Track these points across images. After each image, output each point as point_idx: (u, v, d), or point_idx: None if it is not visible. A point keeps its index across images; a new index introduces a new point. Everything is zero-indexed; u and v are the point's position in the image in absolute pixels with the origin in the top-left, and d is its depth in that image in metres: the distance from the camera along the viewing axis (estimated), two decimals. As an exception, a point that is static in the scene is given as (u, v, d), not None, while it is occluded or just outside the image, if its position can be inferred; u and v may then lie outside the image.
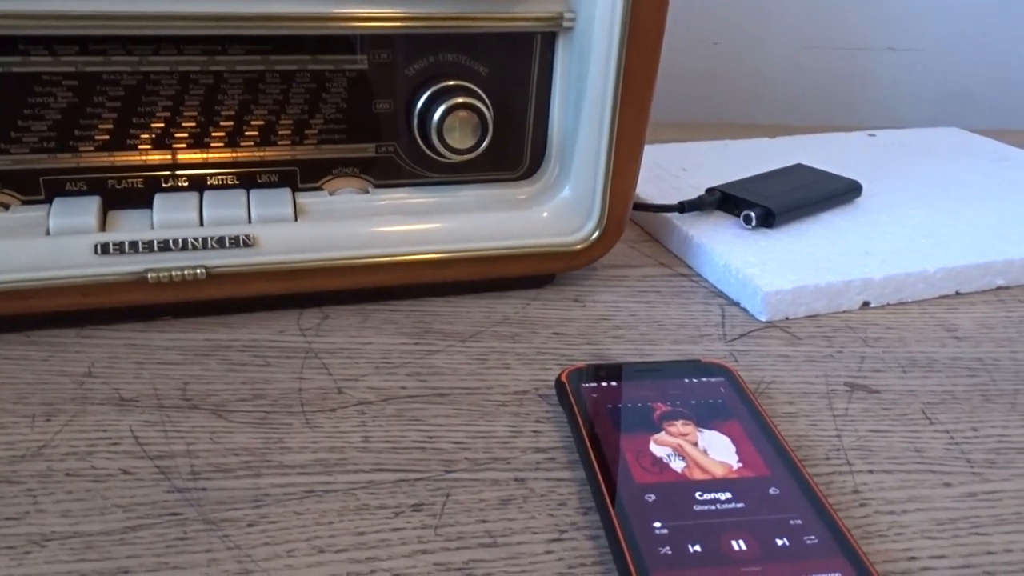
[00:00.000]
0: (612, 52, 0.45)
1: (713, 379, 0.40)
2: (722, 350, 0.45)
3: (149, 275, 0.43)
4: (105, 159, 0.44)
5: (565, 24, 0.46)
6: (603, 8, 0.45)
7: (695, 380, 0.40)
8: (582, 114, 0.47)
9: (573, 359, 0.44)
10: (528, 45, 0.48)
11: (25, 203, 0.44)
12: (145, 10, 0.40)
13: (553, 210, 0.49)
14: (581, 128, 0.48)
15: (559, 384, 0.39)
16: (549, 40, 0.48)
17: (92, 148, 0.44)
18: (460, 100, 0.45)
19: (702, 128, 0.84)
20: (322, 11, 0.43)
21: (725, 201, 0.58)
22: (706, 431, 0.36)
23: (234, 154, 0.46)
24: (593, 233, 0.49)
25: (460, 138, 0.45)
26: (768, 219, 0.56)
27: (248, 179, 0.47)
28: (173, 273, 0.43)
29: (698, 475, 0.33)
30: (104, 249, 0.42)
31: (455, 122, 0.45)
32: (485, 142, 0.46)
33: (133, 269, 0.43)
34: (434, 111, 0.45)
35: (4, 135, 0.42)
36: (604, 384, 0.39)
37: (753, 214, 0.55)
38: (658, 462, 0.34)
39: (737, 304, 0.50)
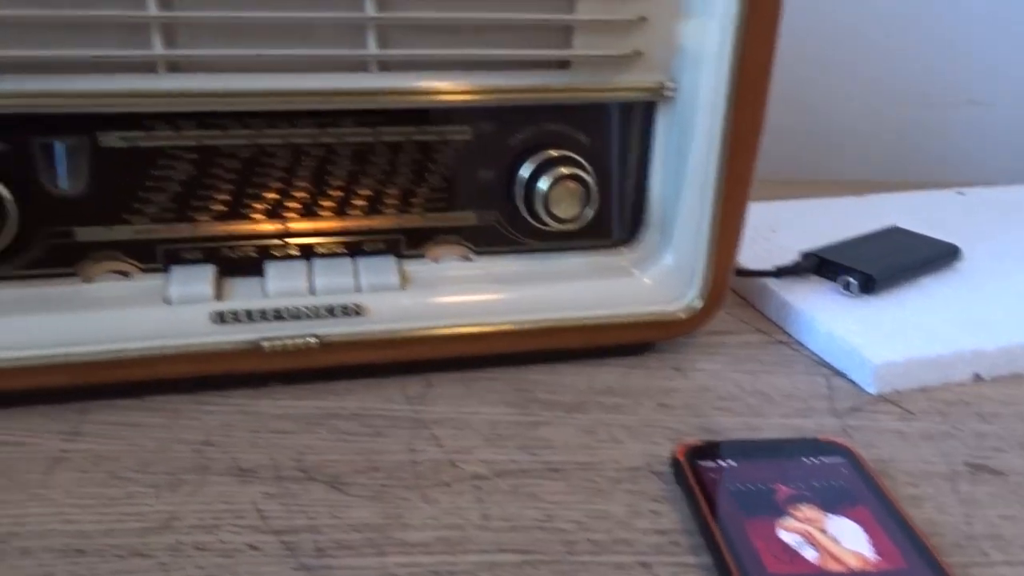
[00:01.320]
0: (716, 121, 0.45)
1: (833, 459, 0.39)
2: (834, 425, 0.44)
3: (264, 343, 0.43)
4: (220, 228, 0.45)
5: (666, 94, 0.47)
6: (707, 78, 0.45)
7: (815, 460, 0.39)
8: (684, 181, 0.47)
9: (682, 433, 0.43)
10: (628, 114, 0.48)
11: (144, 271, 0.45)
12: (262, 87, 0.42)
13: (655, 277, 0.49)
14: (683, 195, 0.48)
15: (675, 462, 0.39)
16: (649, 109, 0.48)
17: (208, 218, 0.45)
18: (566, 171, 0.45)
19: (787, 185, 0.83)
20: (431, 86, 0.43)
21: (822, 265, 0.57)
22: (834, 517, 0.35)
23: (342, 223, 0.47)
24: (696, 301, 0.48)
25: (566, 208, 0.46)
26: (868, 285, 0.55)
27: (355, 247, 0.47)
28: (287, 342, 0.44)
29: (833, 566, 0.32)
30: (221, 318, 0.43)
31: (562, 193, 0.45)
32: (590, 212, 0.46)
33: (248, 337, 0.44)
34: (540, 182, 0.45)
35: (127, 206, 0.44)
36: (721, 463, 0.38)
37: (853, 280, 0.54)
38: (788, 550, 0.33)
39: (843, 375, 0.49)
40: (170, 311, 0.43)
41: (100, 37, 0.40)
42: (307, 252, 0.47)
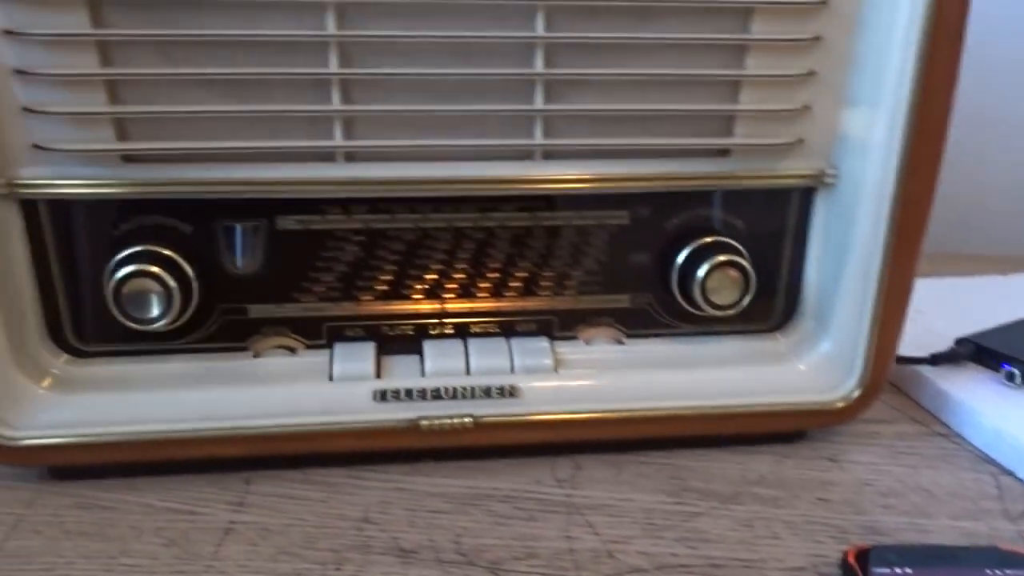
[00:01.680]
0: (882, 209, 0.44)
1: (1018, 572, 0.37)
2: (1008, 531, 0.42)
3: (422, 422, 0.44)
4: (381, 307, 0.47)
5: (827, 180, 0.46)
6: (873, 167, 0.44)
7: (999, 572, 0.37)
8: (845, 268, 0.46)
9: (845, 531, 0.42)
10: (786, 200, 0.47)
11: (309, 347, 0.47)
12: (431, 175, 0.43)
13: (811, 364, 0.48)
14: (843, 282, 0.47)
15: (845, 566, 0.37)
16: (807, 195, 0.47)
17: (371, 297, 0.47)
18: (724, 258, 0.45)
19: (929, 260, 0.80)
20: (593, 173, 0.44)
21: (980, 353, 0.55)
22: (1030, 639, 0.33)
23: (497, 303, 0.48)
24: (854, 391, 0.47)
25: (724, 296, 0.45)
26: (1033, 376, 0.52)
27: (508, 327, 0.48)
28: (444, 421, 0.44)
29: None
30: (382, 396, 0.45)
31: (721, 280, 0.45)
32: (747, 299, 0.46)
33: (407, 416, 0.44)
34: (697, 268, 0.45)
35: (297, 285, 0.46)
36: (897, 570, 0.37)
37: (1018, 372, 0.52)
38: (985, 675, 0.31)
39: (1012, 474, 0.47)
40: (334, 388, 0.45)
41: (285, 129, 0.42)
42: (462, 331, 0.48)
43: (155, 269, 0.41)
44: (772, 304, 0.49)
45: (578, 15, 0.41)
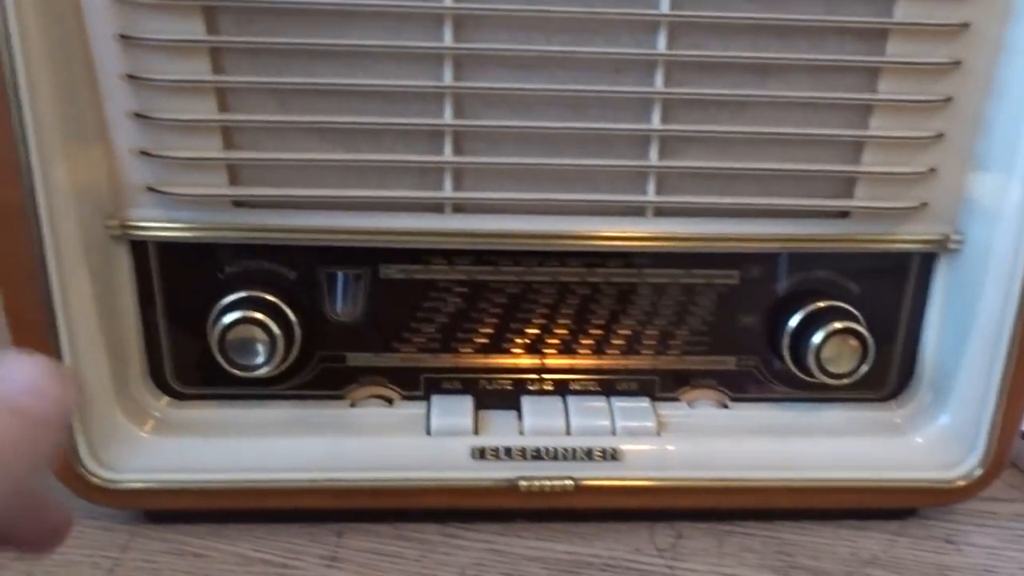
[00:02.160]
0: (1015, 278, 0.41)
1: None
2: None
3: (521, 483, 0.43)
4: (480, 360, 0.46)
5: (951, 247, 0.44)
6: (1004, 235, 0.41)
7: None
8: (968, 339, 0.44)
9: (972, 623, 0.39)
10: (906, 265, 0.45)
11: (405, 398, 0.46)
12: (539, 229, 0.42)
13: (928, 438, 0.46)
14: (966, 353, 0.44)
15: (981, 665, 0.35)
16: (928, 260, 0.45)
17: (471, 350, 0.46)
18: (841, 325, 0.43)
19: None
20: (705, 232, 0.43)
21: (1105, 431, 0.51)
22: None
23: (598, 361, 0.46)
24: (976, 469, 0.44)
25: (840, 364, 0.43)
26: None
27: (608, 385, 0.47)
28: (544, 483, 0.43)
29: None
30: (481, 454, 0.43)
31: (839, 349, 0.43)
32: (864, 368, 0.44)
33: (505, 476, 0.43)
34: (812, 334, 0.43)
35: (397, 335, 0.45)
36: (1040, 674, 0.34)
37: None
38: None
39: None
40: (431, 443, 0.44)
41: (394, 178, 0.42)
42: (561, 388, 0.47)
43: (260, 316, 0.41)
44: (887, 372, 0.47)
45: (697, 70, 0.40)
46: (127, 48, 0.38)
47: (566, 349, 0.46)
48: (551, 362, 0.46)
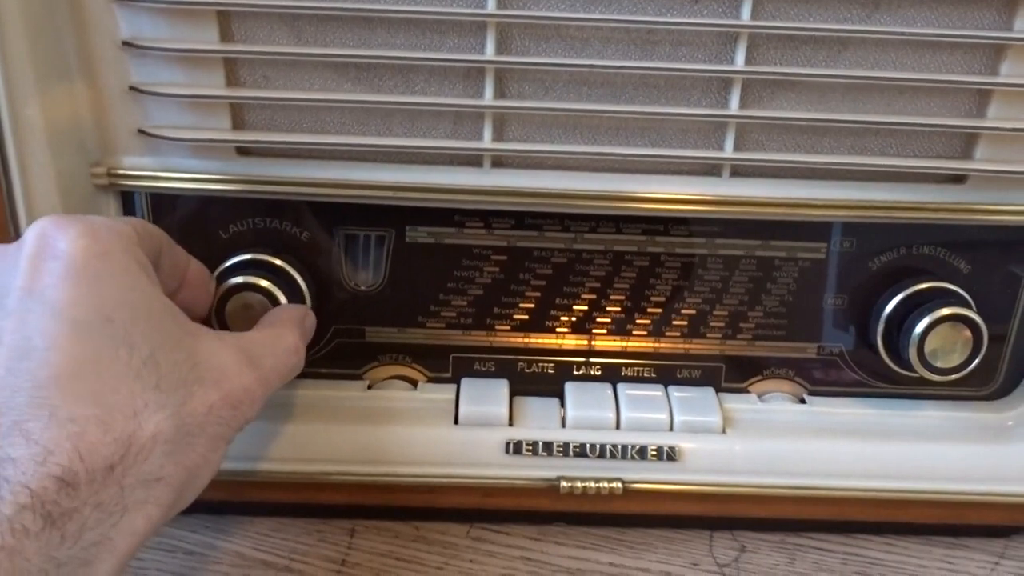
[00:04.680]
0: None
1: None
2: None
3: (562, 484, 0.37)
4: (519, 340, 0.40)
5: (1085, 219, 0.37)
6: None
7: None
8: (1100, 333, 0.37)
9: (1100, 675, 0.33)
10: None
11: (431, 380, 0.40)
12: (591, 188, 0.36)
13: (1043, 448, 0.39)
14: (1096, 349, 0.37)
15: None
16: (1055, 236, 0.38)
17: (508, 328, 0.40)
18: (950, 312, 0.36)
19: None
20: (790, 197, 0.36)
21: None
22: None
23: (656, 344, 0.40)
24: (1101, 485, 0.38)
25: (948, 358, 0.36)
26: None
27: (666, 372, 0.40)
28: (588, 484, 0.37)
29: None
30: (516, 449, 0.37)
31: (947, 339, 0.36)
32: (975, 362, 0.37)
33: (544, 475, 0.37)
34: (915, 322, 0.36)
35: (423, 308, 0.39)
36: None
37: None
38: None
39: None
40: (459, 434, 0.38)
41: (425, 125, 0.35)
42: (612, 374, 0.40)
43: (264, 283, 0.35)
44: (996, 366, 0.40)
45: (790, 1, 0.33)
46: (112, -31, 0.33)
47: (619, 330, 0.40)
48: (601, 344, 0.40)
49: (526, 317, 0.40)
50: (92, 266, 0.27)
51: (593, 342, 0.40)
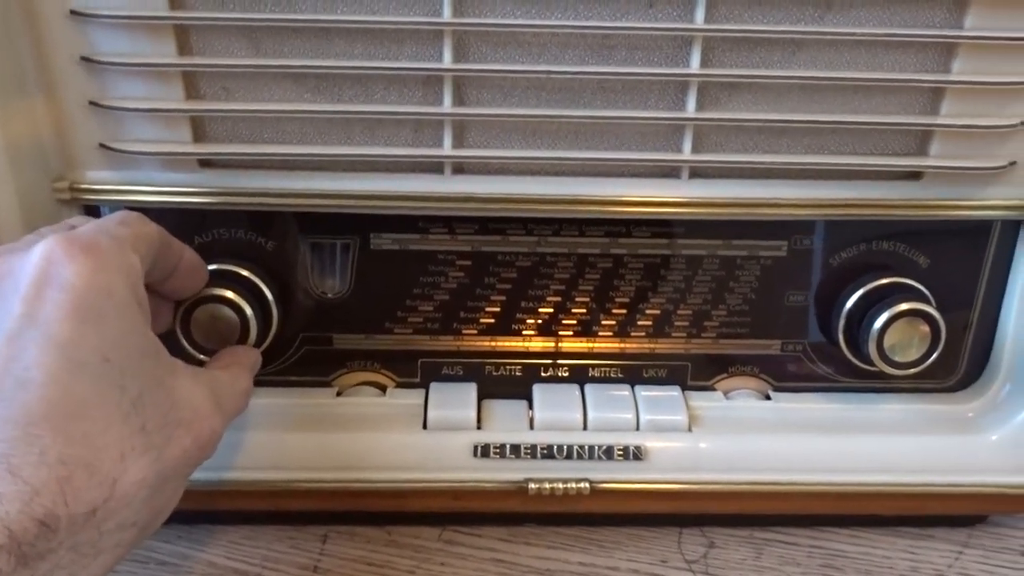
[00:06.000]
0: (1119, 253, 0.35)
1: None
2: None
3: (530, 485, 0.37)
4: (486, 344, 0.40)
5: (1042, 212, 0.37)
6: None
7: None
8: (1057, 323, 0.38)
9: (1059, 661, 0.34)
10: (983, 234, 0.39)
11: (400, 385, 0.41)
12: (554, 193, 0.36)
13: (1005, 436, 0.39)
14: (1054, 339, 0.38)
15: None
16: (1012, 229, 0.39)
17: (475, 332, 0.40)
18: (908, 307, 0.37)
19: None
20: (749, 196, 0.36)
21: None
22: None
23: (622, 345, 0.41)
24: (1062, 474, 0.38)
25: (906, 352, 0.37)
26: None
27: (633, 372, 0.41)
28: (556, 485, 0.37)
29: None
30: (484, 452, 0.38)
31: (906, 334, 0.36)
32: (933, 356, 0.38)
33: (512, 477, 0.38)
34: (874, 317, 0.37)
35: (390, 314, 0.39)
36: None
37: None
38: None
39: None
40: (428, 438, 0.38)
41: (385, 134, 0.35)
42: (579, 375, 0.41)
43: (230, 294, 0.35)
44: (957, 358, 0.41)
45: (744, 4, 0.34)
46: (71, -20, 0.33)
47: (585, 331, 0.40)
48: (567, 345, 0.40)
49: (492, 321, 0.40)
50: (96, 304, 0.26)
51: (560, 344, 0.40)
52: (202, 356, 0.36)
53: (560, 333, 0.40)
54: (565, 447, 0.38)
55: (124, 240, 0.29)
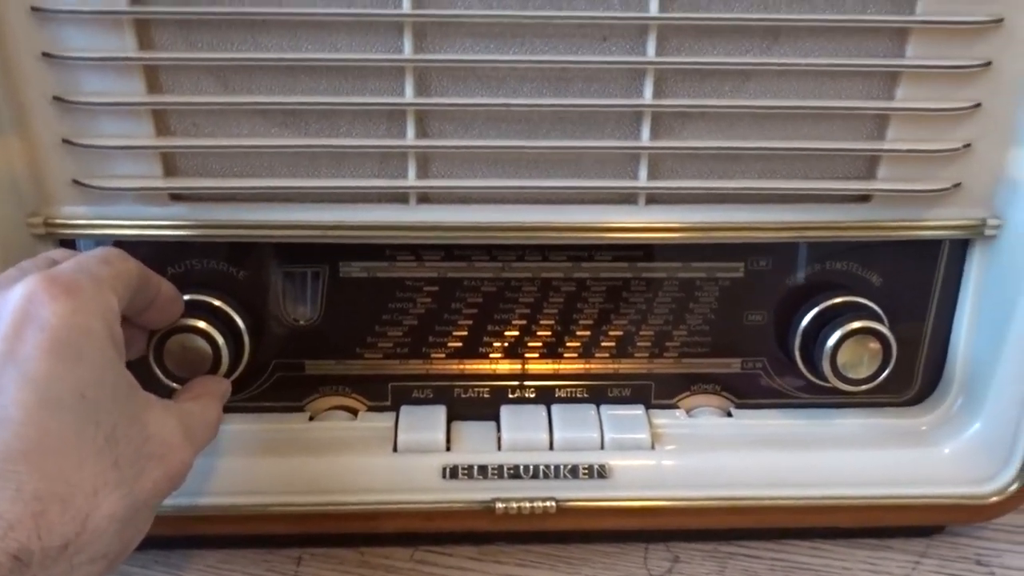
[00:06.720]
0: (1062, 270, 0.37)
1: None
2: None
3: (497, 504, 0.38)
4: (454, 367, 0.41)
5: (987, 232, 0.38)
6: (1051, 216, 0.37)
7: None
8: (1007, 336, 0.39)
9: (1009, 666, 0.35)
10: (933, 253, 0.40)
11: (371, 409, 0.42)
12: (516, 220, 0.37)
13: (958, 449, 0.41)
14: (1004, 353, 0.39)
15: None
16: (961, 248, 0.40)
17: (443, 355, 0.41)
18: (860, 325, 0.38)
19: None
20: (705, 221, 0.38)
21: None
22: None
23: (587, 366, 0.42)
24: (1012, 484, 0.39)
25: (858, 369, 0.38)
26: None
27: (598, 392, 0.42)
28: (523, 504, 0.38)
29: None
30: (452, 473, 0.39)
31: (857, 352, 0.38)
32: (885, 373, 0.39)
33: (479, 498, 0.39)
34: (827, 336, 0.38)
35: (360, 339, 0.40)
36: None
37: None
38: None
39: None
40: (398, 461, 0.39)
41: (352, 166, 0.37)
42: (545, 396, 0.42)
43: (202, 324, 0.36)
44: (912, 374, 0.42)
45: (695, 36, 0.35)
46: (43, 23, 0.34)
47: (551, 353, 0.41)
48: (533, 367, 0.41)
49: (460, 344, 0.41)
50: (74, 343, 0.27)
51: (526, 366, 0.41)
52: (174, 384, 0.37)
53: (526, 355, 0.41)
54: (532, 467, 0.39)
55: (104, 280, 0.30)
